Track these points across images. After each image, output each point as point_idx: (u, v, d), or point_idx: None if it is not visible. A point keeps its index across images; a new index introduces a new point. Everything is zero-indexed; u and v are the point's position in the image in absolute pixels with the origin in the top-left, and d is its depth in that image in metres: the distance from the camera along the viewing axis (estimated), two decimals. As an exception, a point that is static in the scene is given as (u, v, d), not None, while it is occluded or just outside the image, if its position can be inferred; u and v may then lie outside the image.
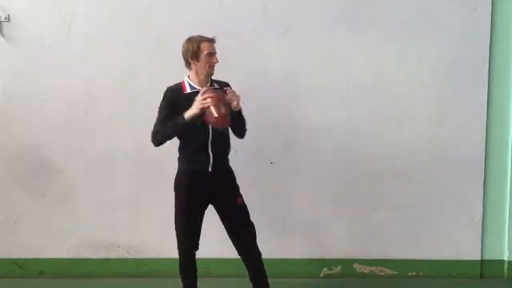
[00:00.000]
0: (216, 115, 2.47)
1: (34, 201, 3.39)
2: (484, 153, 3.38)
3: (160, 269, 3.41)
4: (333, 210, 3.42)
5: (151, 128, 3.31)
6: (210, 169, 2.68)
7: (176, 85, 2.73)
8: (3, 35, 3.31)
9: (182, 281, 2.84)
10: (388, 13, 3.31)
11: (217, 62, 2.68)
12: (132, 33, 3.30)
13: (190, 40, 2.67)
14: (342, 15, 3.31)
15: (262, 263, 2.83)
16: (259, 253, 2.81)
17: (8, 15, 3.30)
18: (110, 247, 3.43)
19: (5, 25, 3.31)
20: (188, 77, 2.71)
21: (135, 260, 3.43)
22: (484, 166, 3.40)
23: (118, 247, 3.43)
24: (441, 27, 3.32)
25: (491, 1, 3.29)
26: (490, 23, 3.31)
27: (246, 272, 2.85)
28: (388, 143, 3.38)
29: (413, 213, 3.42)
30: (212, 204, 2.77)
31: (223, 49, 3.33)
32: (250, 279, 2.86)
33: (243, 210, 2.77)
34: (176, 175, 2.79)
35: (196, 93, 2.62)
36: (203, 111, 2.51)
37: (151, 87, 3.34)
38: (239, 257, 2.84)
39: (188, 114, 2.54)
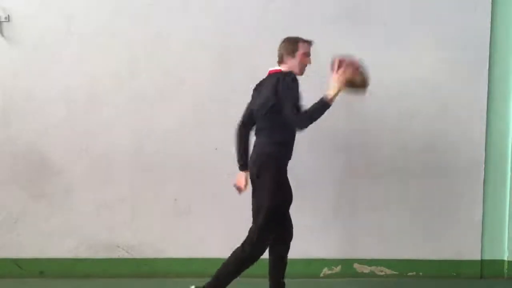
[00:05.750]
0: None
1: (34, 201, 3.39)
2: (484, 153, 3.39)
3: (160, 269, 3.41)
4: (333, 210, 3.42)
5: (151, 128, 3.30)
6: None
7: None
8: (3, 35, 3.31)
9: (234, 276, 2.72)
10: (388, 13, 3.31)
11: (310, 63, 2.74)
12: (132, 33, 3.30)
13: (288, 39, 2.74)
14: (342, 15, 3.31)
15: (240, 264, 2.71)
16: (242, 252, 2.70)
17: (8, 15, 3.30)
18: (110, 247, 3.43)
19: (5, 25, 3.31)
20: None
21: (135, 260, 3.43)
22: (484, 166, 3.40)
23: (118, 247, 3.43)
24: (441, 27, 3.32)
25: (491, 1, 3.30)
26: (490, 23, 3.31)
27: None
28: (388, 143, 3.38)
29: (413, 213, 3.42)
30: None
31: (223, 49, 3.35)
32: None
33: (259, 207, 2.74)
34: (276, 168, 2.74)
35: None
36: (344, 83, 2.53)
37: (151, 87, 3.35)
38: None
39: (331, 94, 2.56)
